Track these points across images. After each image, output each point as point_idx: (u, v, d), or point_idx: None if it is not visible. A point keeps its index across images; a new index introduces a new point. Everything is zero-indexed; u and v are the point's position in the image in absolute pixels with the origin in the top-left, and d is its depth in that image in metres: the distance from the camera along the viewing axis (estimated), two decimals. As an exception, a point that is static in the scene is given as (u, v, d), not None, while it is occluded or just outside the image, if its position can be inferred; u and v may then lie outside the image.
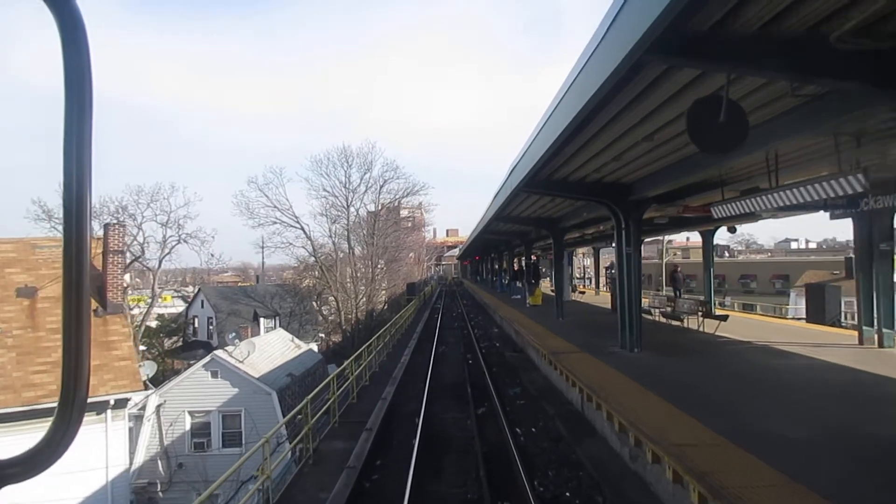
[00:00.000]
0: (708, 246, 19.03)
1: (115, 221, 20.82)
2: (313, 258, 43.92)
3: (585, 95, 6.54)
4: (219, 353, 19.79)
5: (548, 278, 49.32)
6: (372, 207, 46.34)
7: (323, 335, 49.42)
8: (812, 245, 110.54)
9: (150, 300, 63.78)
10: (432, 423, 11.78)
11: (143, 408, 19.20)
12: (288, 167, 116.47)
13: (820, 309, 22.79)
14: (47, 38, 0.74)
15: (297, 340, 27.00)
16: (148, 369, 19.72)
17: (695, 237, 25.72)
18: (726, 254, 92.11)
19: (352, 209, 45.26)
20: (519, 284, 36.77)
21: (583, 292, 30.34)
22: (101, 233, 17.97)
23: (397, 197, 48.03)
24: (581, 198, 12.27)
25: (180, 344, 47.53)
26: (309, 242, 43.59)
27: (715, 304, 15.00)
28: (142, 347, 41.97)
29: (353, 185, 46.31)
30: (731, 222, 14.30)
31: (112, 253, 17.44)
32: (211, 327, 45.46)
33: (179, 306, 56.88)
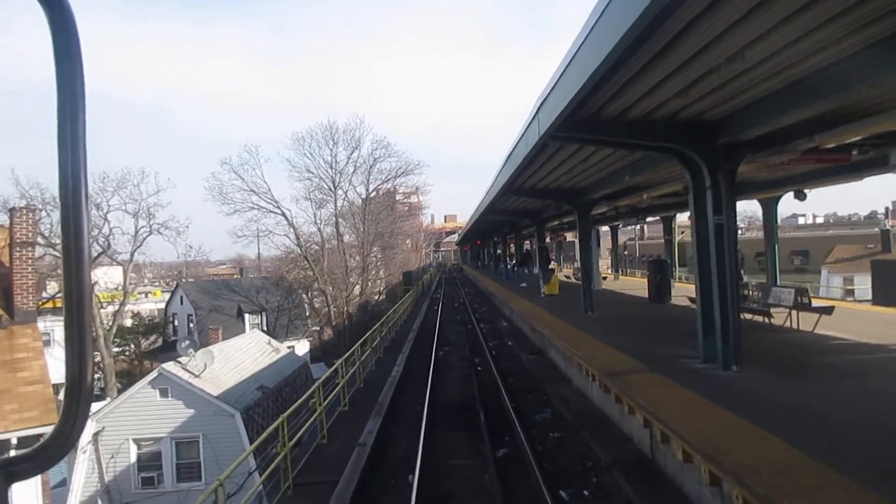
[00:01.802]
0: (771, 216, 15.27)
1: (23, 205, 16.85)
2: (297, 247, 39.90)
3: None
4: (169, 366, 16.06)
5: (552, 262, 45.55)
6: (362, 190, 42.23)
7: (318, 328, 45.72)
8: (819, 220, 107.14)
9: (134, 296, 60.13)
10: (433, 477, 8.11)
11: (78, 436, 15.54)
12: (278, 159, 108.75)
13: (892, 290, 19.19)
14: (38, 34, 0.76)
15: (274, 342, 23.27)
16: (82, 388, 16.00)
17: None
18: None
19: (339, 192, 41.23)
20: (527, 270, 33.07)
21: (604, 277, 26.49)
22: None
23: (390, 177, 43.72)
24: (643, 145, 8.43)
25: (159, 344, 43.94)
26: (292, 230, 39.56)
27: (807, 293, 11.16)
28: (115, 349, 38.40)
29: (340, 166, 42.19)
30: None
31: (19, 245, 13.65)
32: (191, 325, 41.76)
33: (172, 301, 53.18)
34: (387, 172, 44.17)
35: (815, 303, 11.30)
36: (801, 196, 15.53)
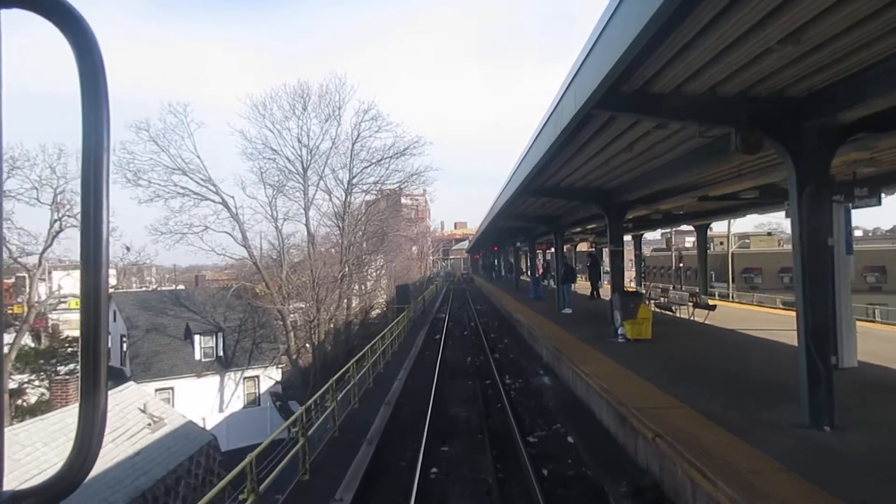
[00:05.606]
0: None
1: None
2: (243, 247, 30.11)
3: None
4: None
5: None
6: (343, 175, 31.78)
7: (292, 346, 36.03)
8: (858, 233, 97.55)
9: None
10: None
11: None
12: (227, 131, 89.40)
13: None
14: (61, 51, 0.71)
15: (156, 408, 13.75)
16: None
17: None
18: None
19: (312, 175, 31.28)
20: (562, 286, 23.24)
21: (712, 306, 16.03)
22: None
23: (383, 158, 32.67)
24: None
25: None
26: (236, 225, 29.77)
27: None
28: (15, 377, 29.12)
29: (314, 142, 32.18)
30: None
31: None
32: (124, 349, 32.45)
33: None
34: (378, 152, 33.36)
35: None
36: None
